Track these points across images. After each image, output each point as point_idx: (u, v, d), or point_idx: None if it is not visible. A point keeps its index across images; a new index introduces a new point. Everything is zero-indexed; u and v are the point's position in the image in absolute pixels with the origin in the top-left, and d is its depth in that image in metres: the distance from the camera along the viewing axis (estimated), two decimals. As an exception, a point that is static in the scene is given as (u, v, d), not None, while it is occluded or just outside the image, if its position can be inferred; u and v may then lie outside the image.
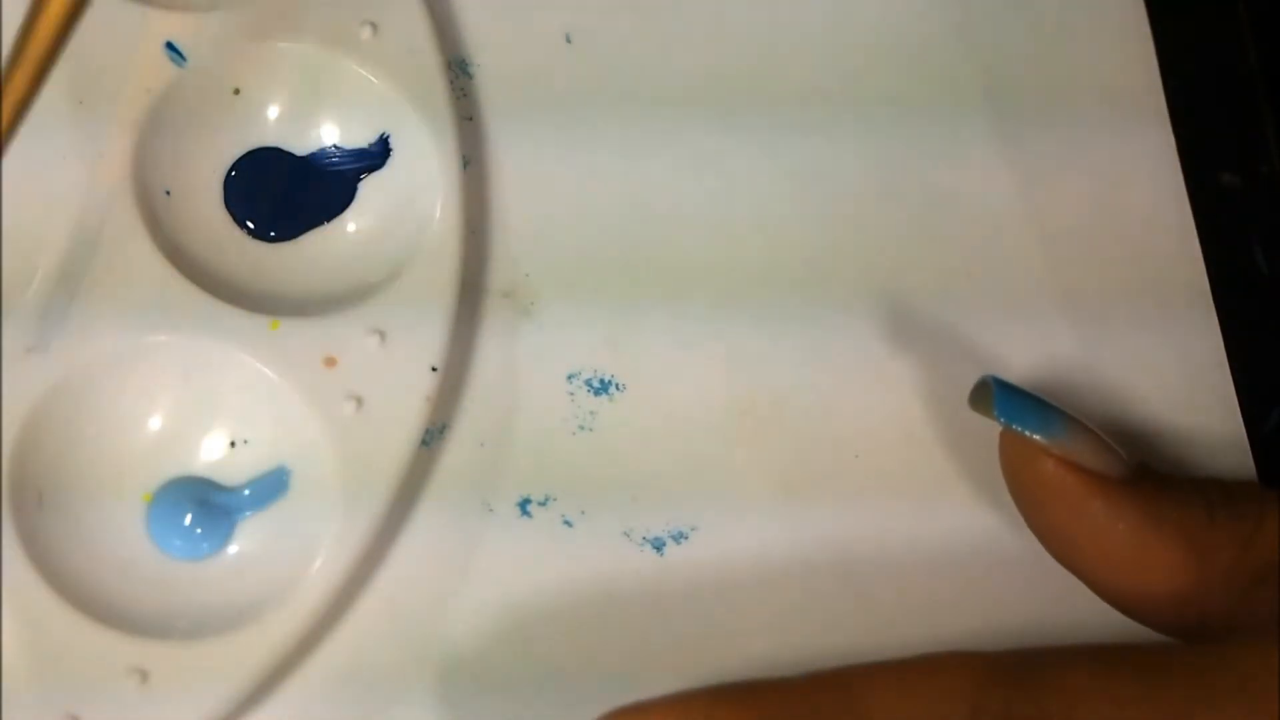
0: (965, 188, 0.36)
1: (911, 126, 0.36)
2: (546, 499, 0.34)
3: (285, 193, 0.35)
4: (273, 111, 0.35)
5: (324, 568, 0.32)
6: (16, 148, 0.30)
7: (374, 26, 0.35)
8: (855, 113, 0.37)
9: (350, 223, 0.35)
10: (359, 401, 0.33)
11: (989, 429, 0.31)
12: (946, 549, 0.34)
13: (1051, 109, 0.37)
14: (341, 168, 0.35)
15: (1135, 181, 0.36)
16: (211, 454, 0.34)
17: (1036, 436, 0.30)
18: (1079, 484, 0.30)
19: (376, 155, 0.35)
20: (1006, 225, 0.36)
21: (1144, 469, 0.31)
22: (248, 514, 0.34)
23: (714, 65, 0.37)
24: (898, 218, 0.36)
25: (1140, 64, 0.37)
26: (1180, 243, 0.36)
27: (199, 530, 0.33)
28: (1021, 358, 0.35)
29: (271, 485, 0.34)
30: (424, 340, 0.33)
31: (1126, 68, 0.37)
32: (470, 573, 0.34)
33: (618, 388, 0.35)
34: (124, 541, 0.33)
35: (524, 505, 0.34)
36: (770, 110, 0.36)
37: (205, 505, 0.33)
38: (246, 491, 0.34)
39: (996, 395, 0.31)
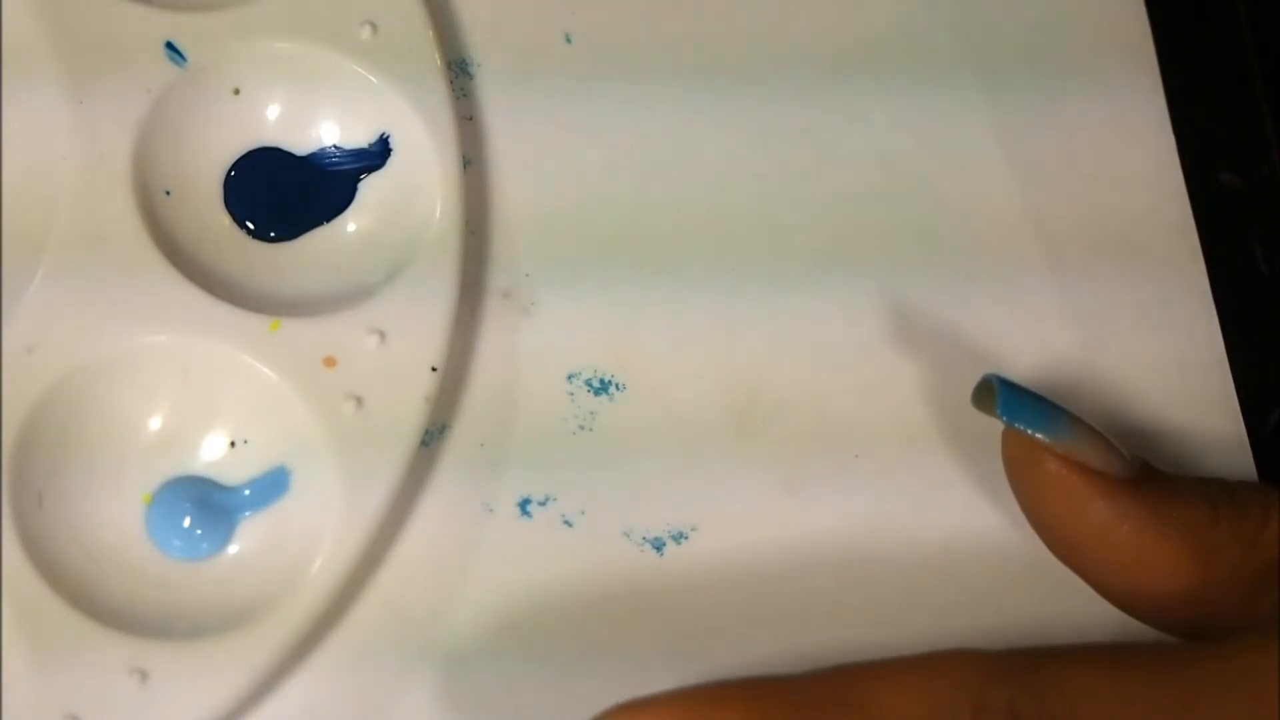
0: (965, 188, 0.36)
1: (910, 125, 0.36)
2: (546, 499, 0.34)
3: (285, 193, 0.35)
4: (273, 111, 0.35)
5: (324, 568, 0.32)
6: (17, 148, 0.30)
7: (374, 26, 0.35)
8: (856, 113, 0.37)
9: (350, 223, 0.35)
10: (359, 401, 0.33)
11: (990, 427, 0.31)
12: (948, 548, 0.34)
13: (1052, 109, 0.37)
14: (341, 168, 0.35)
15: (1135, 181, 0.36)
16: (211, 454, 0.34)
17: (1040, 435, 0.30)
18: (1082, 483, 0.30)
19: (376, 155, 0.35)
20: (1007, 224, 0.36)
21: (1148, 468, 0.31)
22: (248, 514, 0.34)
23: (714, 65, 0.37)
24: (899, 217, 0.36)
25: (1140, 65, 0.37)
26: (1180, 243, 0.36)
27: (199, 530, 0.33)
28: (1021, 357, 0.35)
29: (271, 485, 0.34)
30: (424, 340, 0.33)
31: (1127, 68, 0.37)
32: (470, 573, 0.34)
33: (618, 388, 0.35)
34: (124, 542, 0.33)
35: (524, 505, 0.34)
36: (772, 111, 0.36)
37: (205, 505, 0.33)
38: (246, 491, 0.34)
39: (1000, 394, 0.30)
